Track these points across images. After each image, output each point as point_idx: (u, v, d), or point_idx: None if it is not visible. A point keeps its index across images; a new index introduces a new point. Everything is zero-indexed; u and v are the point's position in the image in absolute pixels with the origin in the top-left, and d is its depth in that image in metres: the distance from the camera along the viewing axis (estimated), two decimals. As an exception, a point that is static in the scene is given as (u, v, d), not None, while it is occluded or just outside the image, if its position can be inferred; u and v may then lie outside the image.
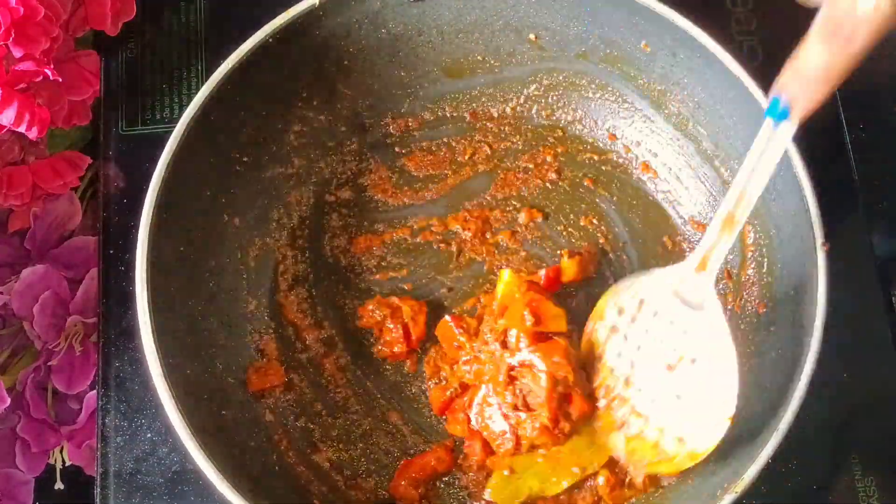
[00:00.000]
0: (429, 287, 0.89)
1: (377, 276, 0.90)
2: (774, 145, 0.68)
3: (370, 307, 0.87)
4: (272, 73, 0.84)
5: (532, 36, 0.88)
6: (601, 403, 0.78)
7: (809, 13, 0.94)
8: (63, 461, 0.91)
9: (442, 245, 0.90)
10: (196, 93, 0.80)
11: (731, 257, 0.85)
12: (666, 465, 0.76)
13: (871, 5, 0.57)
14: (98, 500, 0.84)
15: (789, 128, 0.66)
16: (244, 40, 0.81)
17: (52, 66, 0.82)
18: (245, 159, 0.86)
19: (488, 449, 0.80)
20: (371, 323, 0.87)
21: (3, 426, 0.89)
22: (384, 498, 0.83)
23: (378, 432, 0.86)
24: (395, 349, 0.86)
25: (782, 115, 0.65)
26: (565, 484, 0.78)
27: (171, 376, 0.74)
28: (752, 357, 0.80)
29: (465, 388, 0.83)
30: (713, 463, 0.77)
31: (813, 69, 0.61)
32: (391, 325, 0.86)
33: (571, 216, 0.91)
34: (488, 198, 0.92)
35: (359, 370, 0.87)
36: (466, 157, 0.93)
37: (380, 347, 0.87)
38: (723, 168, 0.85)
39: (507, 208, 0.91)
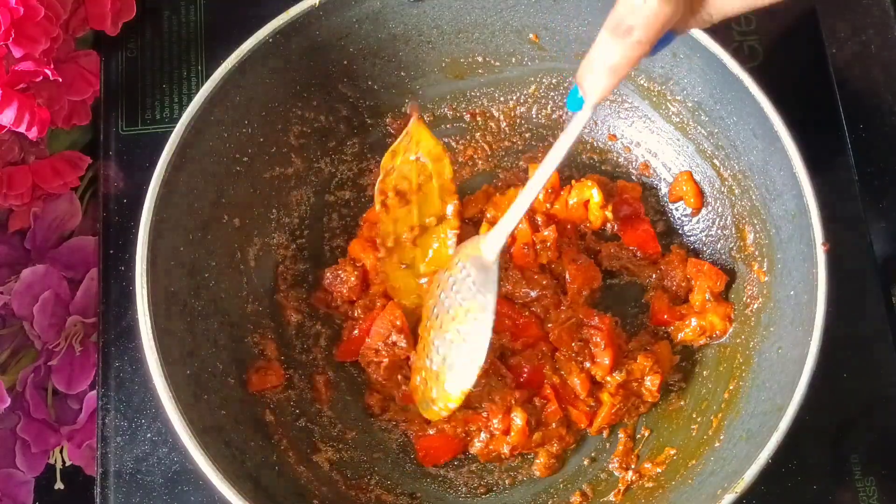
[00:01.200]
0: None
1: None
2: (570, 131, 0.69)
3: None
4: (272, 74, 0.84)
5: (532, 36, 0.88)
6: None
7: (808, 13, 0.94)
8: (63, 461, 0.91)
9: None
10: (196, 93, 0.80)
11: (729, 256, 0.85)
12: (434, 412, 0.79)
13: (650, 3, 0.60)
14: (98, 500, 0.84)
15: (585, 115, 0.67)
16: (244, 40, 0.81)
17: (52, 66, 0.82)
18: (245, 159, 0.86)
19: None
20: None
21: (3, 426, 0.89)
22: (384, 498, 0.83)
23: (378, 431, 0.86)
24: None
25: (578, 105, 0.66)
26: None
27: (171, 376, 0.74)
28: (752, 357, 0.80)
29: None
30: (713, 463, 0.77)
31: (600, 62, 0.63)
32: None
33: (571, 216, 0.91)
34: (488, 198, 0.92)
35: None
36: (466, 157, 0.93)
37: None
38: (723, 168, 0.84)
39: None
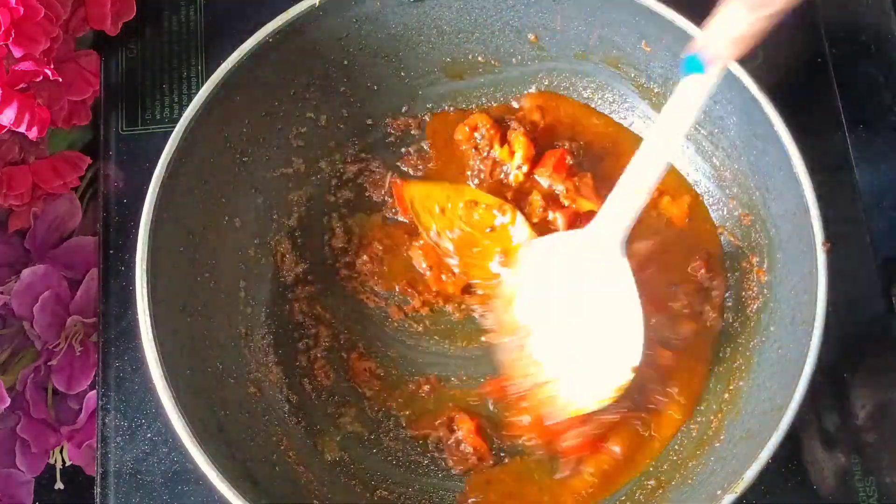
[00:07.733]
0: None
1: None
2: (692, 99, 0.72)
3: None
4: (272, 74, 0.84)
5: (532, 36, 0.88)
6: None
7: (808, 13, 0.94)
8: (63, 461, 0.91)
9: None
10: (196, 93, 0.80)
11: (729, 255, 0.85)
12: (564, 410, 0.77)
13: None
14: (98, 500, 0.84)
15: (711, 78, 0.71)
16: (244, 40, 0.81)
17: (52, 66, 0.82)
18: (245, 159, 0.86)
19: None
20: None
21: (3, 426, 0.89)
22: (387, 498, 0.83)
23: (382, 433, 0.86)
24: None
25: (695, 69, 0.70)
26: None
27: (171, 376, 0.74)
28: (752, 357, 0.80)
29: None
30: (713, 463, 0.77)
31: (737, 31, 0.68)
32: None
33: (571, 216, 0.91)
34: (488, 198, 0.92)
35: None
36: (466, 157, 0.93)
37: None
38: (723, 168, 0.85)
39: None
